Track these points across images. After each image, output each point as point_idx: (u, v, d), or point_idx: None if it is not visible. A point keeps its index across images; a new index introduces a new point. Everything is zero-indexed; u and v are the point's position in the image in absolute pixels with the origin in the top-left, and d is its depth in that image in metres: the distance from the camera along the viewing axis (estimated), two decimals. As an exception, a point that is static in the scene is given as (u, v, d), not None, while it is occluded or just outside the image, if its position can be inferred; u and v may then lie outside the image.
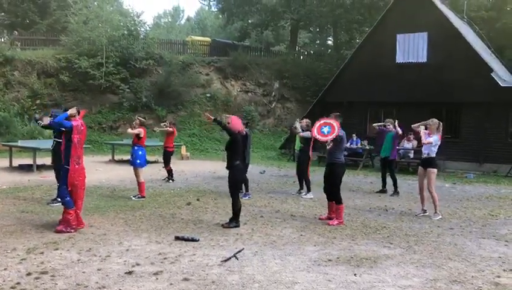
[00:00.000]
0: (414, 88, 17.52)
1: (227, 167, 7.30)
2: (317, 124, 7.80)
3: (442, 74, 16.94)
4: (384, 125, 11.34)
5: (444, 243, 6.59)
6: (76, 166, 6.70)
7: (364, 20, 29.07)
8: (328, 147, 7.87)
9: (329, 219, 7.78)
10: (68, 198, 6.68)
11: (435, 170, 8.53)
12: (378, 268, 5.34)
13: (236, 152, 7.25)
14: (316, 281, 4.84)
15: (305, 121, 10.82)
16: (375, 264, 5.49)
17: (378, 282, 4.87)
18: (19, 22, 29.12)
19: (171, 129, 12.23)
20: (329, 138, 7.62)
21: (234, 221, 7.22)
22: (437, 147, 8.45)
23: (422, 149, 8.61)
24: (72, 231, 6.54)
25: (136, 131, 9.48)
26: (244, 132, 10.07)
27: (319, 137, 7.71)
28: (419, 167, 8.75)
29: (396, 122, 11.00)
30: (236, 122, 7.34)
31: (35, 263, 5.17)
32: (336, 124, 7.65)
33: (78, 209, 6.80)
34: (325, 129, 7.63)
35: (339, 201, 7.68)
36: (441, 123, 8.66)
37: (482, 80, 16.28)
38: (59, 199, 7.61)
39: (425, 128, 8.58)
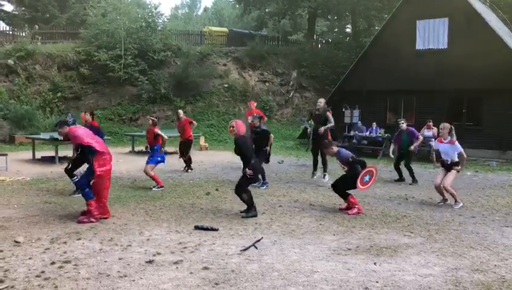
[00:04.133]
0: (434, 75, 17.18)
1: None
2: (361, 173, 7.48)
3: (463, 61, 16.53)
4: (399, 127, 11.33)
5: (466, 231, 6.50)
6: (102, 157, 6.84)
7: (383, 7, 28.57)
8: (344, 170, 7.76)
9: (349, 208, 7.75)
10: (87, 189, 6.79)
11: (458, 170, 8.33)
12: (398, 257, 5.30)
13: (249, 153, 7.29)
14: (335, 270, 4.83)
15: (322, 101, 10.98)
16: (396, 253, 5.45)
17: (398, 271, 4.84)
18: (39, 16, 29.48)
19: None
20: (368, 185, 7.64)
21: (251, 210, 7.24)
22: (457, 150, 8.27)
23: (443, 156, 8.38)
24: (94, 221, 6.66)
25: (162, 134, 9.64)
26: (258, 128, 10.22)
27: (360, 187, 7.50)
28: (441, 168, 8.48)
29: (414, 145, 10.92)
30: (240, 126, 7.39)
31: (59, 252, 5.29)
32: (375, 170, 7.67)
33: (105, 198, 6.93)
34: (366, 178, 7.56)
35: (346, 196, 7.68)
36: (452, 127, 8.48)
37: (505, 66, 15.85)
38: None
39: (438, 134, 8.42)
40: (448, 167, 8.33)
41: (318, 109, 11.05)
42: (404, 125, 11.15)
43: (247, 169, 7.16)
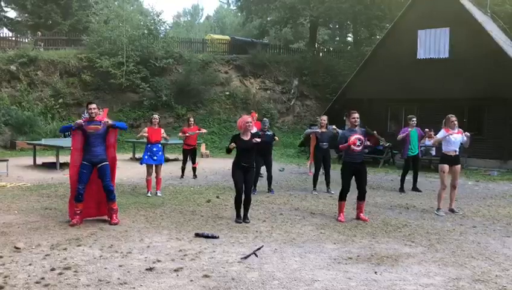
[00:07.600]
0: (436, 84, 17.23)
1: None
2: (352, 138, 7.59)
3: (464, 70, 16.60)
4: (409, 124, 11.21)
5: (467, 241, 6.48)
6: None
7: (385, 16, 28.69)
8: (358, 149, 7.58)
9: (358, 218, 7.75)
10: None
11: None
12: (399, 266, 5.28)
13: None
14: (336, 279, 4.81)
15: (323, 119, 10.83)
16: (396, 262, 5.44)
17: (399, 280, 4.82)
18: (42, 23, 29.64)
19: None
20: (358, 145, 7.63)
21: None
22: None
23: (451, 147, 8.38)
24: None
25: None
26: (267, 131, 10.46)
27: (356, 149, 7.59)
28: (445, 165, 8.44)
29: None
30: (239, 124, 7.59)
31: (59, 258, 5.27)
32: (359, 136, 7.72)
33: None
34: (358, 142, 7.57)
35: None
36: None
37: (506, 75, 15.91)
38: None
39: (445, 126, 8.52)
40: (455, 159, 8.40)
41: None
42: (414, 120, 10.96)
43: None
